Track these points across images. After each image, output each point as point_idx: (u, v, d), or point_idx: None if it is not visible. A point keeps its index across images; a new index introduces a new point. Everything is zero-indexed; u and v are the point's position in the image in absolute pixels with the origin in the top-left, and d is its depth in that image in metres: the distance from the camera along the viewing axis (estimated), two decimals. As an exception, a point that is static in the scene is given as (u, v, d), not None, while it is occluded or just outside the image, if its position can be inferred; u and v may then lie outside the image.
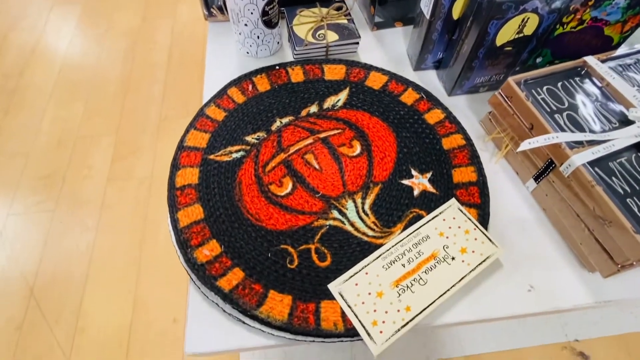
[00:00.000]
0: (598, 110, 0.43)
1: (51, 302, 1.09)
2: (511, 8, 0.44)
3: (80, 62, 1.67)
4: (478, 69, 0.52)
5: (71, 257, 1.16)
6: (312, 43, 0.58)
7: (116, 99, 1.59)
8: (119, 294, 1.13)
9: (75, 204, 1.26)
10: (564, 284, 0.42)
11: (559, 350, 1.07)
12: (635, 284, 0.42)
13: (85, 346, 1.04)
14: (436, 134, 0.50)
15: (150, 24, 1.75)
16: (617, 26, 0.47)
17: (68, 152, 1.41)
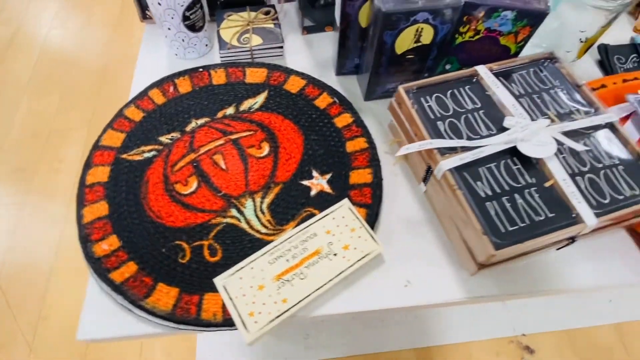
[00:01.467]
0: (481, 117, 0.46)
1: (16, 292, 1.13)
2: (402, 19, 0.46)
3: (57, 55, 1.69)
4: (385, 75, 0.54)
5: (38, 248, 1.19)
6: (236, 46, 0.60)
7: (92, 92, 1.61)
8: (82, 284, 1.16)
9: (45, 197, 1.29)
10: (440, 280, 0.44)
11: (506, 344, 1.11)
12: (506, 281, 0.45)
13: (48, 335, 1.07)
14: (342, 137, 0.53)
15: (128, 17, 1.76)
16: (510, 37, 0.50)
17: (41, 145, 1.44)
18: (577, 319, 1.16)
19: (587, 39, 0.55)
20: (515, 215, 0.39)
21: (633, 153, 0.43)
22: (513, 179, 0.41)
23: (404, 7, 0.45)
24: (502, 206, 0.40)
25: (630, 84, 0.52)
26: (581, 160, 0.43)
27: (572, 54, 0.57)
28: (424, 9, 0.45)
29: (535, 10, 0.46)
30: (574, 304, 1.18)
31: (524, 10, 0.46)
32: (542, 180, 0.41)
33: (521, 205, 0.40)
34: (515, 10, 0.46)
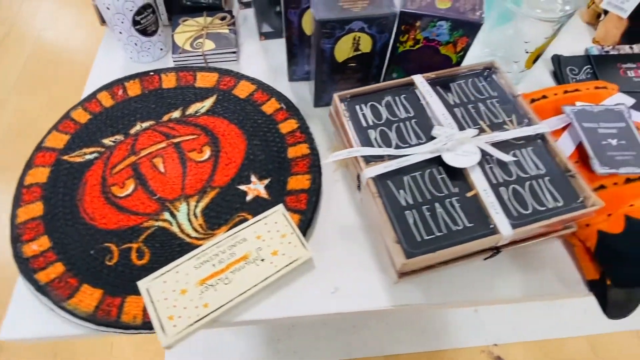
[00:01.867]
0: (413, 127, 0.46)
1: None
2: (337, 28, 0.47)
3: (47, 55, 1.71)
4: (330, 83, 0.55)
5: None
6: (188, 51, 0.61)
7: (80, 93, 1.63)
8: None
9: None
10: (367, 288, 0.44)
11: (477, 354, 1.10)
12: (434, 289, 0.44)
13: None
14: (285, 143, 0.53)
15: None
16: (449, 46, 0.50)
17: (27, 144, 1.45)
18: (550, 329, 1.15)
19: (535, 49, 0.55)
20: (433, 224, 0.39)
21: (560, 165, 0.43)
22: (436, 188, 0.41)
23: (337, 16, 0.45)
24: (421, 215, 0.40)
25: (570, 95, 0.52)
26: (508, 170, 0.43)
27: (520, 64, 0.57)
28: (358, 18, 0.46)
29: (468, 20, 0.46)
30: (548, 314, 1.17)
31: (458, 21, 0.46)
32: (465, 190, 0.41)
33: (440, 215, 0.40)
34: (450, 20, 0.46)
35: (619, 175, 0.44)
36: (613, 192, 0.44)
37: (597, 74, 0.63)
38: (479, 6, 0.47)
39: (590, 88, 0.52)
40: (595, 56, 0.64)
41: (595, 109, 0.49)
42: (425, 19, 0.47)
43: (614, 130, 0.47)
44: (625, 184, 0.44)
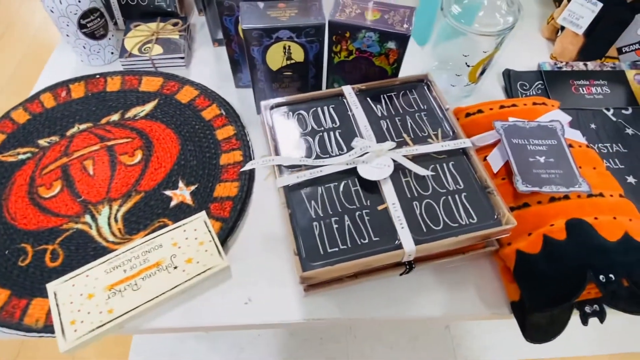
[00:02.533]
0: (336, 137, 0.45)
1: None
2: (264, 36, 0.46)
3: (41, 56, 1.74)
4: (269, 91, 0.54)
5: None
6: (135, 55, 0.61)
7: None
8: None
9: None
10: (282, 300, 0.43)
11: (444, 372, 1.08)
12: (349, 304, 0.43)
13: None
14: (219, 149, 0.53)
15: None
16: (382, 58, 0.49)
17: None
18: (527, 348, 1.12)
19: (476, 63, 0.54)
20: (338, 237, 0.38)
21: (480, 181, 0.42)
22: (348, 201, 0.41)
23: (263, 25, 0.45)
24: (328, 227, 0.39)
25: (506, 110, 0.51)
26: (424, 185, 0.42)
27: (463, 78, 0.56)
28: (284, 27, 0.46)
29: (395, 33, 0.46)
30: (521, 334, 1.14)
31: (385, 33, 0.46)
32: (377, 204, 0.40)
33: (348, 227, 0.39)
34: (377, 32, 0.46)
35: (543, 193, 0.43)
36: (536, 210, 0.43)
37: (547, 90, 0.62)
38: (408, 19, 0.47)
39: (528, 104, 0.51)
40: (547, 72, 0.63)
41: (527, 125, 0.48)
42: (353, 30, 0.47)
43: (544, 147, 0.46)
44: (550, 202, 0.43)
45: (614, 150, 0.57)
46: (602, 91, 0.62)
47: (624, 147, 0.57)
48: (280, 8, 0.47)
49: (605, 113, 0.61)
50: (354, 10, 0.47)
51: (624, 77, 0.64)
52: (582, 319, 0.41)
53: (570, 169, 0.45)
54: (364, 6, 0.48)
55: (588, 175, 0.45)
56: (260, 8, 0.47)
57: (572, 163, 0.45)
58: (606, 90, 0.62)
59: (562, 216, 0.42)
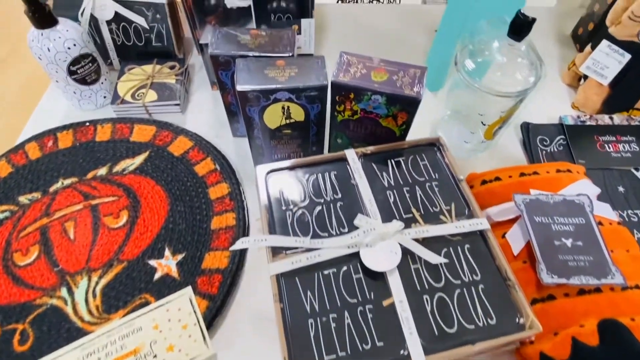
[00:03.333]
0: (337, 211, 0.41)
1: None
2: (261, 97, 0.43)
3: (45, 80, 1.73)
4: (267, 147, 0.50)
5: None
6: (128, 102, 0.58)
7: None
8: None
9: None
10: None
11: None
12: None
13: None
14: (210, 211, 0.49)
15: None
16: (389, 119, 0.45)
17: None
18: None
19: (492, 122, 0.50)
20: (337, 341, 0.33)
21: (500, 269, 0.37)
22: (349, 292, 0.36)
23: (259, 86, 0.41)
24: (325, 327, 0.34)
25: (527, 179, 0.46)
26: (436, 273, 0.37)
27: (478, 135, 0.52)
28: (283, 89, 0.42)
29: (405, 97, 0.41)
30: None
31: (393, 96, 0.42)
32: (382, 297, 0.36)
33: (348, 327, 0.34)
34: (385, 95, 0.42)
35: (572, 286, 0.38)
36: (563, 305, 0.38)
37: (570, 146, 0.57)
38: (419, 80, 0.42)
39: (551, 171, 0.46)
40: (569, 126, 0.58)
41: (552, 199, 0.43)
42: (358, 92, 0.43)
43: (571, 227, 0.41)
44: (578, 295, 0.38)
45: (646, 219, 0.51)
46: (630, 148, 0.57)
47: (656, 214, 0.52)
48: (279, 66, 0.43)
49: (634, 174, 0.55)
50: (359, 69, 0.43)
51: (654, 133, 0.59)
52: None
53: (601, 254, 0.40)
54: (370, 65, 0.44)
55: (621, 261, 0.40)
56: (257, 66, 0.43)
57: (604, 247, 0.40)
58: (635, 147, 0.57)
59: (594, 314, 0.36)
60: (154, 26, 0.62)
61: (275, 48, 0.46)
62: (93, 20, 0.60)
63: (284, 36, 0.47)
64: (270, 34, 0.47)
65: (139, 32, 0.62)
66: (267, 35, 0.47)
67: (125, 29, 0.62)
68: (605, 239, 0.41)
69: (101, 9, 0.59)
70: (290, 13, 0.55)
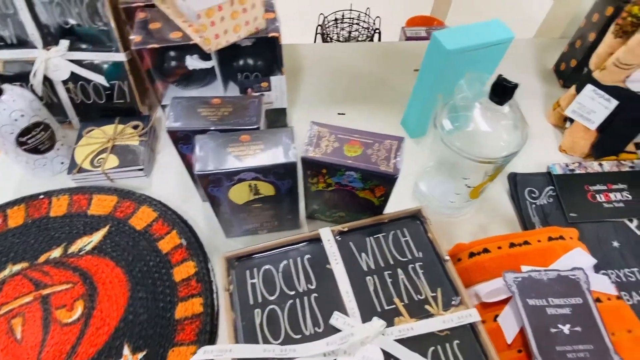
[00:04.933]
0: (312, 306, 0.37)
1: None
2: (223, 179, 0.39)
3: None
4: (237, 220, 0.46)
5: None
6: (86, 170, 0.53)
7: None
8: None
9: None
10: None
11: None
12: None
13: None
14: (175, 297, 0.44)
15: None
16: (367, 192, 0.42)
17: None
18: None
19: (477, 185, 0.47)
20: None
21: (494, 370, 0.34)
22: (326, 410, 0.32)
23: (221, 169, 0.37)
24: None
25: (518, 251, 0.42)
26: (423, 379, 0.33)
27: (463, 196, 0.49)
28: (248, 169, 0.38)
29: (381, 173, 0.38)
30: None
31: (369, 172, 0.38)
32: (363, 414, 0.32)
33: None
34: (359, 171, 0.39)
35: (572, 381, 0.34)
36: (564, 406, 0.34)
37: (560, 199, 0.54)
38: (395, 153, 0.39)
39: (543, 240, 0.43)
40: (558, 176, 0.55)
41: (545, 275, 0.39)
42: (331, 168, 0.39)
43: (567, 309, 0.38)
44: (581, 393, 0.35)
45: (644, 278, 0.48)
46: (622, 197, 0.54)
47: (655, 271, 0.49)
48: (243, 142, 0.40)
49: (628, 225, 0.52)
50: (331, 143, 0.40)
51: (645, 181, 0.56)
52: None
53: (601, 342, 0.36)
54: (342, 137, 0.40)
55: (624, 346, 0.36)
56: (219, 143, 0.39)
57: (604, 333, 0.36)
58: (627, 195, 0.54)
59: (599, 418, 0.33)
60: (115, 83, 0.58)
61: (239, 120, 0.42)
62: (48, 80, 0.56)
63: (249, 105, 0.43)
64: (234, 103, 0.43)
65: (99, 90, 0.58)
66: (230, 105, 0.43)
67: (84, 88, 0.58)
68: (604, 320, 0.37)
69: (55, 70, 0.54)
70: (258, 71, 0.51)
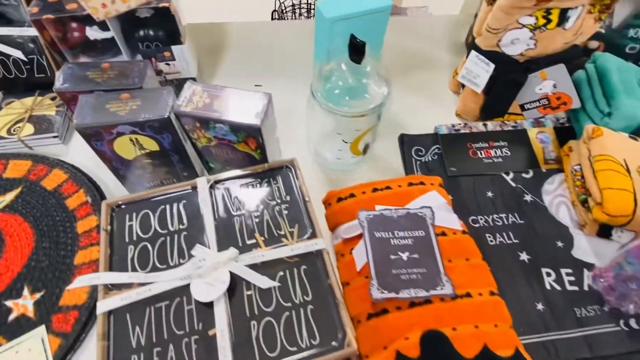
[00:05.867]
0: (180, 242, 0.41)
1: None
2: (102, 133, 0.43)
3: None
4: (134, 177, 0.50)
5: None
6: (3, 137, 0.57)
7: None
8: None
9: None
10: None
11: None
12: None
13: None
14: (76, 245, 0.49)
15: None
16: (243, 144, 0.46)
17: None
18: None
19: (353, 139, 0.51)
20: (157, 375, 0.34)
21: (329, 289, 0.38)
22: (179, 324, 0.36)
23: (97, 122, 0.42)
24: (148, 361, 0.35)
25: (378, 194, 0.47)
26: (268, 298, 0.38)
27: (345, 152, 0.53)
28: (122, 123, 0.42)
29: (244, 125, 0.42)
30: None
31: (234, 124, 0.43)
32: (210, 327, 0.36)
33: (171, 360, 0.35)
34: (227, 124, 0.43)
35: (401, 299, 0.39)
36: (393, 319, 0.39)
37: (443, 155, 0.59)
38: (261, 108, 0.43)
39: (403, 185, 0.48)
40: (443, 135, 0.60)
41: (395, 213, 0.44)
42: (202, 121, 0.43)
43: (410, 240, 0.43)
44: (410, 308, 0.39)
45: (510, 222, 0.53)
46: (502, 153, 0.59)
47: (520, 217, 0.54)
48: (122, 100, 0.44)
49: (504, 178, 0.58)
50: (203, 99, 0.44)
51: (525, 137, 0.61)
52: None
53: (435, 266, 0.41)
54: (214, 94, 0.44)
55: (458, 270, 0.42)
56: (100, 101, 0.43)
57: (438, 259, 0.41)
58: (506, 152, 0.60)
59: (419, 326, 0.38)
60: (33, 58, 0.61)
61: (123, 81, 0.46)
62: (-32, 55, 0.59)
63: (134, 68, 0.47)
64: (121, 67, 0.47)
65: (19, 64, 0.61)
66: (117, 68, 0.47)
67: (5, 63, 0.61)
68: (444, 249, 0.42)
69: (-28, 45, 0.58)
70: (159, 41, 0.55)
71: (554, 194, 0.56)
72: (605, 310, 0.47)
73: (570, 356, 0.43)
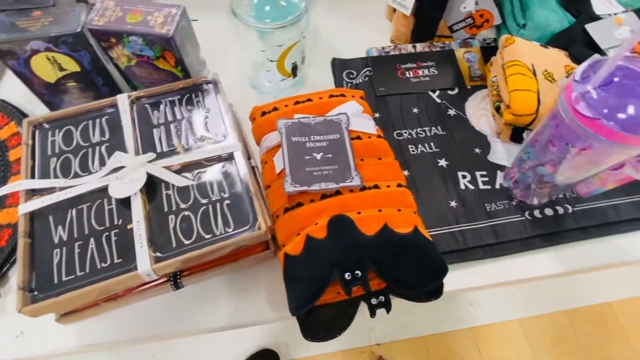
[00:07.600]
0: (101, 153, 0.43)
1: None
2: (15, 49, 0.43)
3: None
4: (60, 102, 0.51)
5: None
6: None
7: None
8: None
9: None
10: (54, 330, 0.41)
11: (357, 355, 1.10)
12: (126, 325, 0.42)
13: None
14: (8, 172, 0.50)
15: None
16: (161, 61, 0.47)
17: None
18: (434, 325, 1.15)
19: (277, 58, 0.52)
20: (78, 263, 0.36)
21: (248, 186, 0.41)
22: (100, 221, 0.39)
23: (7, 38, 0.42)
24: (70, 254, 0.37)
25: (299, 106, 0.49)
26: (186, 196, 0.40)
27: (273, 73, 0.55)
28: (33, 38, 0.42)
29: (157, 35, 0.43)
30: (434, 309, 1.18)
31: (147, 36, 0.43)
32: (128, 221, 0.39)
33: (91, 251, 0.37)
34: (140, 36, 0.43)
35: (314, 192, 0.42)
36: (306, 210, 0.42)
37: (373, 77, 0.61)
38: (172, 19, 0.44)
39: (324, 97, 0.50)
40: (373, 58, 0.62)
41: (313, 120, 0.46)
42: (115, 36, 0.44)
43: (324, 143, 0.45)
44: (322, 200, 0.42)
45: (432, 134, 0.56)
46: (429, 73, 0.62)
47: (443, 129, 0.57)
48: (34, 17, 0.44)
49: (430, 95, 0.60)
50: (116, 13, 0.44)
51: (453, 57, 0.63)
52: (369, 310, 0.42)
53: (346, 163, 0.44)
54: (127, 8, 0.45)
55: (369, 168, 0.45)
56: (12, 18, 0.43)
57: (350, 157, 0.44)
58: (434, 71, 0.62)
59: (328, 213, 0.41)
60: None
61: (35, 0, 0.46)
62: None
63: (46, -13, 0.47)
64: (32, -14, 0.47)
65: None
66: (28, -12, 0.47)
67: None
68: (357, 150, 0.45)
69: None
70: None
71: (476, 108, 0.59)
72: (513, 204, 0.51)
73: (476, 243, 0.48)
